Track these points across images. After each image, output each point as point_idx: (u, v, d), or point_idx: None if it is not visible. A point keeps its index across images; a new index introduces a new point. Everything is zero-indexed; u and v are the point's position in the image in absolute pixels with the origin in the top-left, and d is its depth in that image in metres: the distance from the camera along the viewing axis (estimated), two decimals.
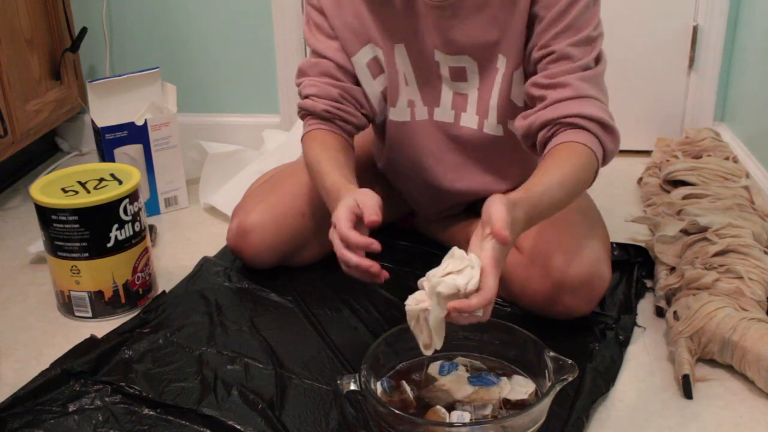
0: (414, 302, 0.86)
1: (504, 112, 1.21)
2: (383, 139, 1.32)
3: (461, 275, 0.83)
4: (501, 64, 1.18)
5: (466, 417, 0.88)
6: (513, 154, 1.25)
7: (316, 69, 1.26)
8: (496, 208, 0.88)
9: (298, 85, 1.28)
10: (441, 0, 1.15)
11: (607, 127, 1.07)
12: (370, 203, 0.99)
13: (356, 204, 0.99)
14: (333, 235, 0.99)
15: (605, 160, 1.09)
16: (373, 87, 1.25)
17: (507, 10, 1.13)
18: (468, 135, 1.25)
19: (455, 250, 0.86)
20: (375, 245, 0.96)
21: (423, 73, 1.23)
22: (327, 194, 1.11)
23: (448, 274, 0.84)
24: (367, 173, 1.35)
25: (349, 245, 0.96)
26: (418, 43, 1.20)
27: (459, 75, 1.21)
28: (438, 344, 0.88)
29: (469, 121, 1.24)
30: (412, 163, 1.30)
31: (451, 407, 0.90)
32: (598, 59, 1.12)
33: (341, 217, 0.98)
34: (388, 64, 1.23)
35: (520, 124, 1.14)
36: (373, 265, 0.96)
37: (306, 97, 1.25)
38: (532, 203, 0.95)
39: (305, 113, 1.26)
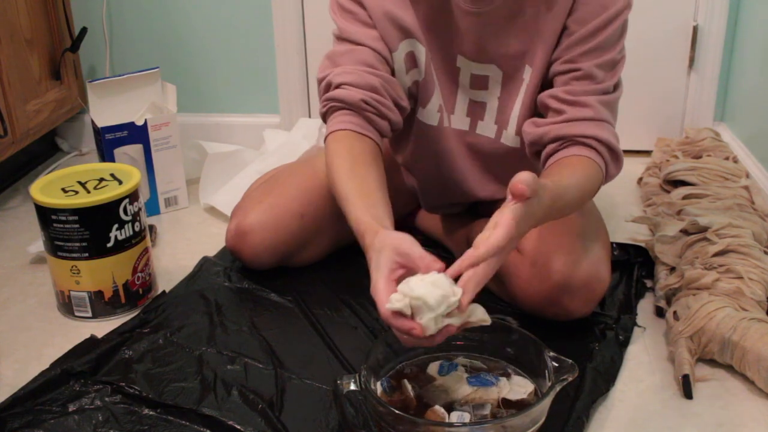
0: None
1: (523, 123, 1.20)
2: (404, 133, 1.30)
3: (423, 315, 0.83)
4: (527, 75, 1.17)
5: (466, 417, 0.88)
6: (523, 165, 1.26)
7: (351, 57, 1.15)
8: (525, 174, 0.86)
9: (324, 78, 1.16)
10: (478, 7, 1.12)
11: (615, 154, 1.11)
12: (416, 254, 0.87)
13: (396, 266, 0.88)
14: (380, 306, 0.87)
15: (605, 182, 1.12)
16: (405, 82, 1.20)
17: (541, 20, 1.12)
18: (484, 144, 1.25)
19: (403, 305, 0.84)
20: (416, 331, 0.83)
21: (444, 79, 1.20)
22: (351, 228, 1.01)
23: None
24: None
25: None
26: (444, 48, 1.18)
27: (480, 83, 1.20)
28: (479, 314, 0.87)
29: (485, 129, 1.23)
30: (435, 166, 1.29)
31: (449, 407, 0.90)
32: (617, 85, 1.14)
33: (382, 301, 0.86)
34: (427, 64, 1.19)
35: (531, 130, 1.15)
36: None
37: (338, 86, 1.13)
38: (558, 194, 0.96)
39: (335, 107, 1.14)
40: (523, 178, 0.85)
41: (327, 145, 1.13)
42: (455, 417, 0.88)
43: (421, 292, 0.82)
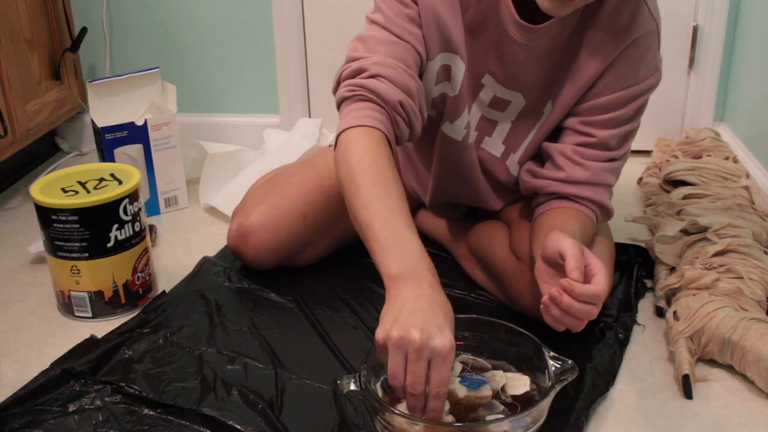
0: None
1: (527, 157, 1.22)
2: (427, 144, 1.28)
3: None
4: (547, 110, 1.17)
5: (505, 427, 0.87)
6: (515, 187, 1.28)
7: (390, 49, 1.03)
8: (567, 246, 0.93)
9: (355, 59, 1.03)
10: (529, 40, 1.09)
11: (606, 210, 1.17)
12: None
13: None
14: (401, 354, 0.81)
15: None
16: (431, 92, 1.13)
17: (581, 64, 1.11)
18: (489, 159, 1.24)
19: None
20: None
21: (462, 90, 1.16)
22: (377, 249, 0.88)
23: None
24: None
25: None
26: (475, 61, 1.13)
27: (499, 106, 1.18)
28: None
29: (491, 146, 1.23)
30: (452, 176, 1.28)
31: (472, 410, 0.90)
32: (626, 153, 1.17)
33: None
34: (463, 81, 1.12)
35: (528, 179, 1.18)
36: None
37: (374, 76, 1.00)
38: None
39: (365, 96, 1.00)
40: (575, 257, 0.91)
41: (351, 139, 0.97)
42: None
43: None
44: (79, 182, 1.26)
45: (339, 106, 1.04)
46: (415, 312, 0.81)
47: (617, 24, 1.09)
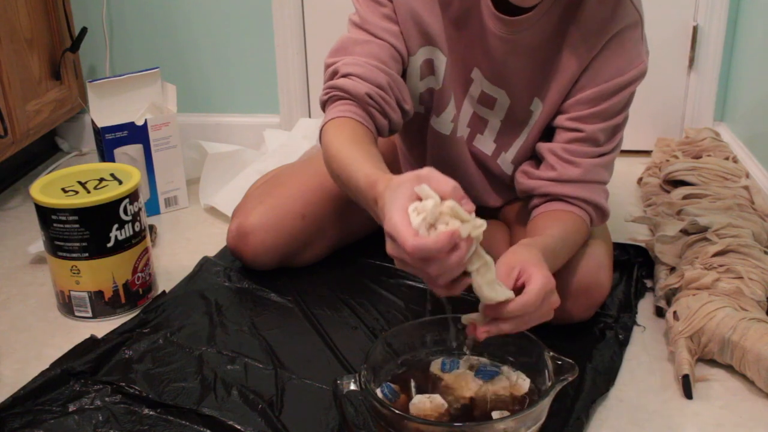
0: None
1: (522, 156, 1.22)
2: (417, 140, 1.29)
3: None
4: (536, 109, 1.16)
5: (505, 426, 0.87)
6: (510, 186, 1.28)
7: (365, 48, 1.10)
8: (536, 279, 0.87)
9: (332, 64, 1.11)
10: (508, 33, 1.09)
11: (601, 210, 1.15)
12: (437, 177, 0.79)
13: (414, 197, 0.79)
14: (397, 251, 0.77)
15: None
16: (417, 87, 1.17)
17: (563, 59, 1.11)
18: (481, 156, 1.25)
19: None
20: (456, 235, 0.75)
21: (455, 86, 1.18)
22: (358, 189, 0.92)
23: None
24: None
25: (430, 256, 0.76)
26: (463, 57, 1.15)
27: (487, 102, 1.19)
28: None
29: (482, 144, 1.23)
30: (445, 173, 1.28)
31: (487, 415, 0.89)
32: (617, 146, 1.16)
33: (402, 226, 0.76)
34: (446, 74, 1.15)
35: (523, 181, 1.18)
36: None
37: (345, 76, 1.08)
38: (554, 251, 1.00)
39: (338, 96, 1.08)
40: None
41: (326, 130, 1.06)
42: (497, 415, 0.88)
43: (451, 203, 0.77)
44: (79, 182, 1.26)
45: (322, 108, 1.12)
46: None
47: (599, 18, 1.09)
